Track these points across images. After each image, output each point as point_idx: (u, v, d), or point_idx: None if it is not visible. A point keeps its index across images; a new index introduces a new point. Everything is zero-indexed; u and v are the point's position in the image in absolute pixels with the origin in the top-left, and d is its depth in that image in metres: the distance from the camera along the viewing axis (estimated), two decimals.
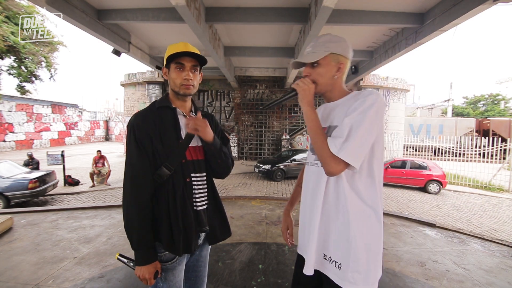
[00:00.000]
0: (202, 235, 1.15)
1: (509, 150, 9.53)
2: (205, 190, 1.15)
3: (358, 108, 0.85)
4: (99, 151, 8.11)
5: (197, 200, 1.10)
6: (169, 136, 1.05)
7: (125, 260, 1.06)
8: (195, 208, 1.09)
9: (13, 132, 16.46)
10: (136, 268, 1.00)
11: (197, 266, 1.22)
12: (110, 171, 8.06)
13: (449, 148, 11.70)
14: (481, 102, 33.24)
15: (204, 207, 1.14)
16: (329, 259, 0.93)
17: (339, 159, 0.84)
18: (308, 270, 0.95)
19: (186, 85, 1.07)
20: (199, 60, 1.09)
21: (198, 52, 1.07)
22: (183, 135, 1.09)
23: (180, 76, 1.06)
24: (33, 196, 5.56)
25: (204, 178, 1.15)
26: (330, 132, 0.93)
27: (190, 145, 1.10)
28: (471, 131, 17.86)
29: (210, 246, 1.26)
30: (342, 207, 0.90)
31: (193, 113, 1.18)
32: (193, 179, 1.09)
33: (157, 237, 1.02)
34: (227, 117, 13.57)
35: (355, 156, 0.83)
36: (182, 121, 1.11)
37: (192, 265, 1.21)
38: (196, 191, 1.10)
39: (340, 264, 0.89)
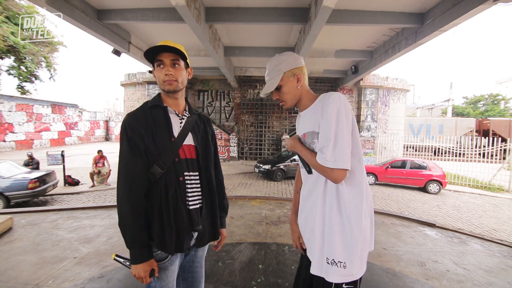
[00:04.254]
0: (195, 234, 1.13)
1: (509, 150, 9.52)
2: (199, 189, 1.14)
3: (328, 117, 0.93)
4: (100, 151, 8.09)
5: (190, 199, 1.10)
6: (161, 135, 1.05)
7: (122, 260, 1.06)
8: (188, 207, 1.08)
9: (13, 132, 16.45)
10: (132, 266, 0.99)
11: (193, 267, 1.22)
12: (110, 170, 8.05)
13: (449, 148, 11.69)
14: (481, 102, 33.26)
15: (197, 206, 1.13)
16: (332, 261, 0.97)
17: (337, 169, 0.92)
18: (314, 270, 1.01)
19: (168, 81, 1.06)
20: (180, 55, 1.07)
21: (178, 47, 1.05)
22: (175, 134, 1.09)
23: (161, 73, 1.07)
24: (33, 196, 5.56)
25: (198, 177, 1.14)
26: (310, 137, 1.03)
27: (184, 143, 1.10)
28: (471, 131, 17.88)
29: (206, 247, 1.25)
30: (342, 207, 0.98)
31: (187, 113, 1.17)
32: (186, 178, 1.09)
33: (150, 236, 1.02)
34: (227, 117, 13.57)
35: (346, 161, 0.91)
36: (174, 119, 1.12)
37: (188, 265, 1.21)
38: (189, 190, 1.10)
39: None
